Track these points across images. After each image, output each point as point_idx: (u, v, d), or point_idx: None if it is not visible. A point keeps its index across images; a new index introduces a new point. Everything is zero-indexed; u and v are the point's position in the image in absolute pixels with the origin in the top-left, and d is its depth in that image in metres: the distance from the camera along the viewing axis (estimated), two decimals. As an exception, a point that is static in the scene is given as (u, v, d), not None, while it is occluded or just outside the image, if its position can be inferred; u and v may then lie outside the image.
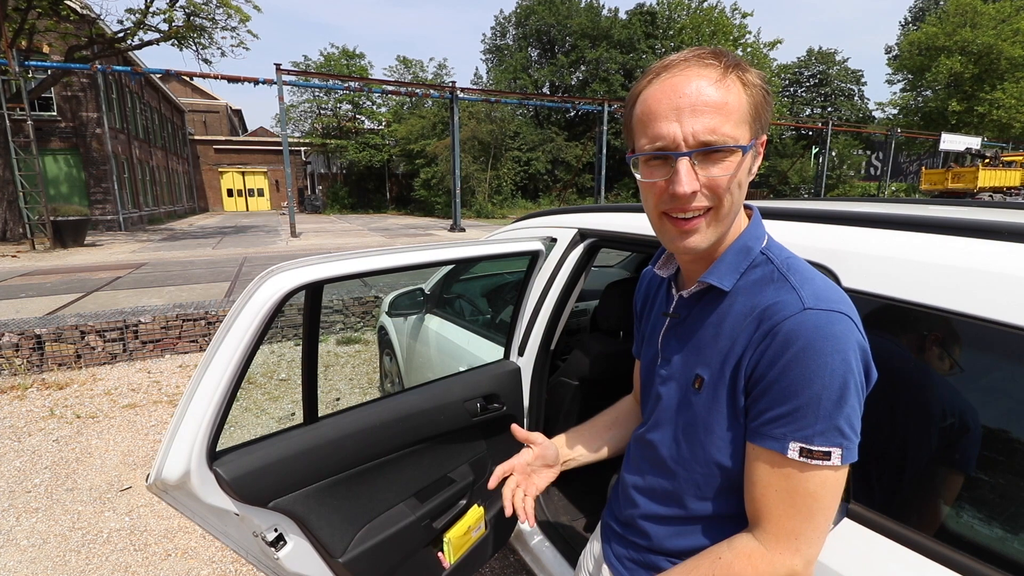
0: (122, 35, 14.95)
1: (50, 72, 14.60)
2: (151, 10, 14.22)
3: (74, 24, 14.18)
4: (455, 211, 18.26)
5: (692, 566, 0.76)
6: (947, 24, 29.69)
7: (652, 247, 1.46)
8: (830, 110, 39.01)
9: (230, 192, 37.99)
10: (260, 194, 38.54)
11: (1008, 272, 0.76)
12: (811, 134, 34.06)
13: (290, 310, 4.99)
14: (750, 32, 34.33)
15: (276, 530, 1.17)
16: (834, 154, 30.59)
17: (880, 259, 0.91)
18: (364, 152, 32.35)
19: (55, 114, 17.67)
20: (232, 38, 15.91)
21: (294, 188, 28.12)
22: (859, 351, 0.65)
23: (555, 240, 1.89)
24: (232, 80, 14.95)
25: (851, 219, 1.03)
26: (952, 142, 24.54)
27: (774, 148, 33.15)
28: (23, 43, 13.02)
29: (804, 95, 40.39)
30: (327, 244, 14.36)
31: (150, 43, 15.15)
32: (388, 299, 3.15)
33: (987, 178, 21.18)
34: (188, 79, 27.59)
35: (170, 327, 5.09)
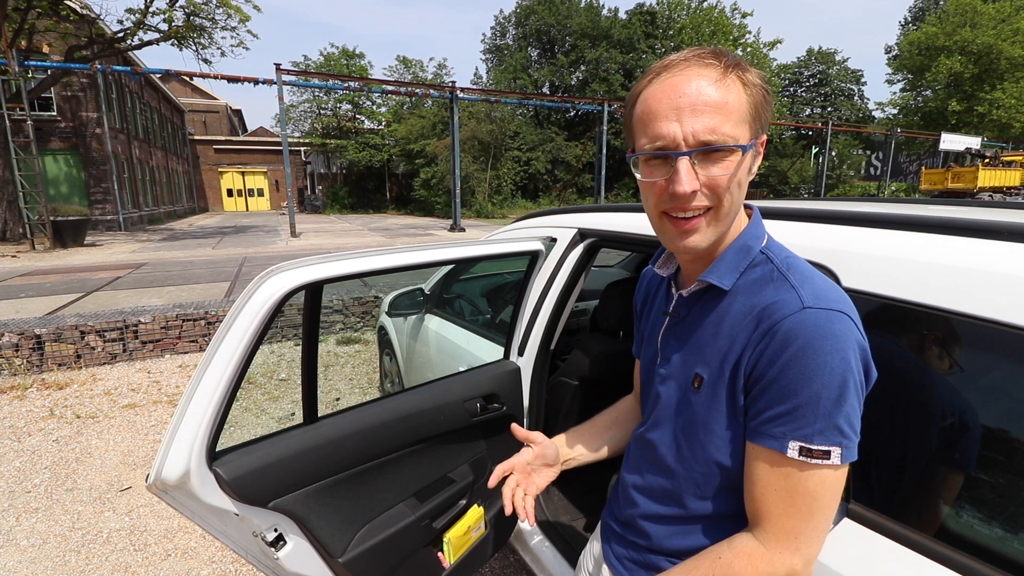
0: (122, 35, 14.96)
1: (50, 72, 14.60)
2: (151, 10, 14.23)
3: (74, 24, 14.18)
4: (455, 211, 18.27)
5: (692, 566, 0.76)
6: (947, 24, 29.69)
7: (652, 247, 1.46)
8: (830, 110, 39.01)
9: (230, 192, 37.98)
10: (260, 194, 38.53)
11: (1008, 272, 0.76)
12: (811, 134, 34.07)
13: (290, 310, 4.99)
14: (750, 32, 34.34)
15: (276, 530, 1.17)
16: (834, 154, 30.58)
17: (880, 259, 0.91)
18: (364, 152, 32.34)
19: (55, 114, 17.66)
20: (232, 38, 15.94)
21: (294, 188, 28.13)
22: (858, 350, 0.65)
23: (555, 240, 1.89)
24: (232, 80, 14.95)
25: (851, 219, 1.03)
26: (952, 142, 24.54)
27: (774, 148, 33.14)
28: (23, 43, 13.02)
29: (804, 95, 40.39)
30: (327, 244, 14.35)
31: (150, 43, 15.16)
32: (388, 299, 3.14)
33: (987, 178, 21.19)
34: (188, 79, 27.59)
35: (170, 327, 5.09)
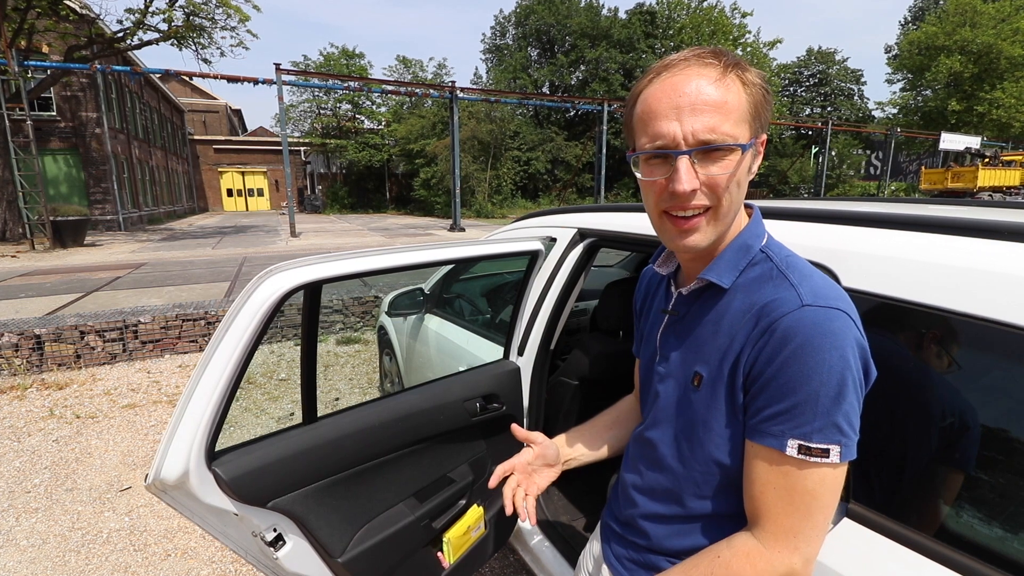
0: (121, 35, 14.95)
1: (49, 72, 14.60)
2: (150, 10, 14.23)
3: (73, 24, 14.17)
4: (455, 211, 18.26)
5: (691, 565, 0.76)
6: (947, 24, 29.69)
7: (652, 247, 1.45)
8: (830, 110, 39.00)
9: (230, 192, 37.96)
10: (260, 194, 38.52)
11: (1008, 272, 0.76)
12: (811, 134, 34.06)
13: (290, 310, 4.98)
14: (750, 32, 34.32)
15: (275, 530, 1.17)
16: (834, 154, 30.58)
17: (880, 259, 0.91)
18: (364, 152, 32.33)
19: (54, 114, 17.65)
20: (232, 38, 15.94)
21: (294, 188, 28.11)
22: (857, 348, 0.65)
23: (555, 240, 1.88)
24: (232, 80, 14.94)
25: (851, 219, 1.03)
26: (952, 141, 24.53)
27: (774, 148, 33.13)
28: (22, 43, 13.01)
29: (804, 95, 40.38)
30: (327, 244, 14.35)
31: (149, 43, 15.15)
32: (388, 299, 3.14)
33: (987, 177, 21.20)
34: (188, 79, 27.58)
35: (170, 327, 5.09)
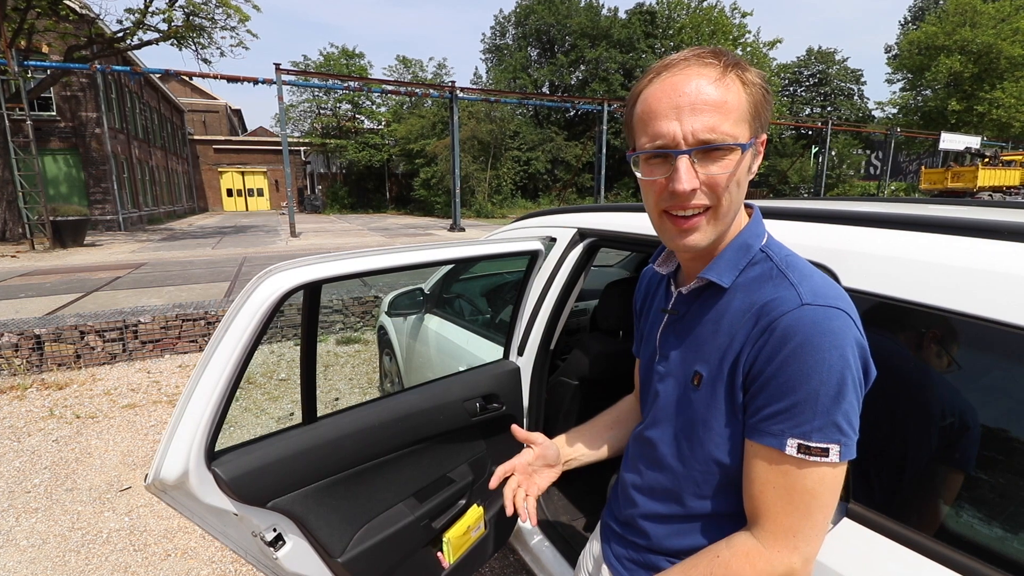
0: (121, 35, 14.95)
1: (49, 72, 14.59)
2: (150, 10, 14.22)
3: (73, 24, 14.17)
4: (455, 211, 18.26)
5: (691, 565, 0.76)
6: (947, 23, 29.69)
7: (651, 247, 1.45)
8: (830, 109, 38.99)
9: (229, 192, 37.96)
10: (260, 194, 38.52)
11: (1008, 272, 0.76)
12: (811, 133, 34.05)
13: (290, 310, 4.98)
14: (750, 32, 34.32)
15: (275, 530, 1.17)
16: (834, 153, 30.58)
17: (880, 258, 0.91)
18: (364, 152, 32.32)
19: (54, 114, 17.65)
20: (231, 38, 15.93)
21: (294, 188, 28.09)
22: (857, 348, 0.65)
23: (554, 240, 1.88)
24: (232, 80, 14.93)
25: (850, 218, 1.03)
26: (951, 141, 24.53)
27: (774, 147, 33.13)
28: (22, 43, 13.01)
29: (804, 94, 40.37)
30: (327, 244, 14.35)
31: (149, 43, 15.14)
32: (388, 299, 3.14)
33: (986, 177, 21.19)
34: (187, 79, 27.55)
35: (170, 327, 5.09)
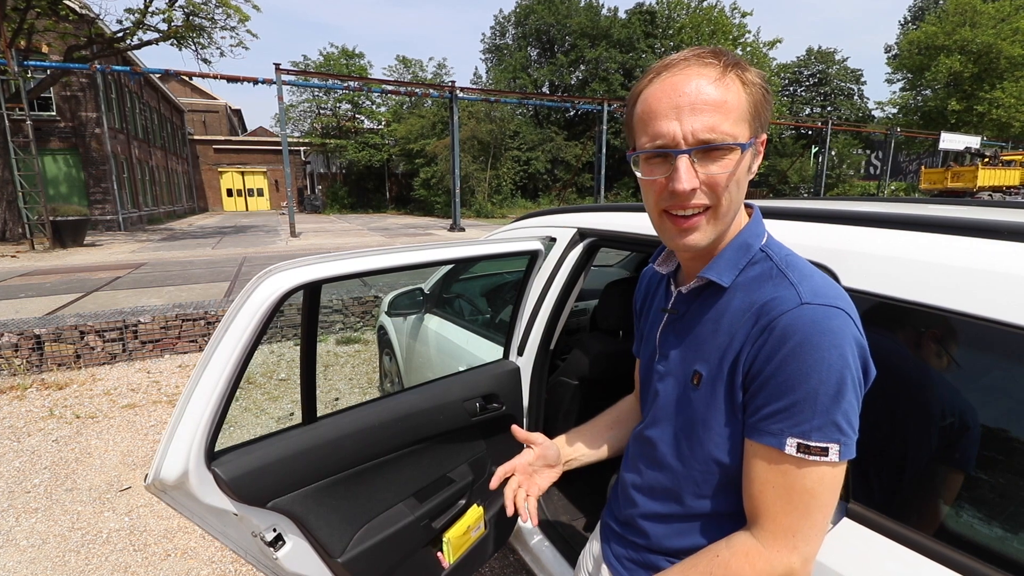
0: (121, 35, 14.94)
1: (49, 72, 14.59)
2: (150, 10, 14.21)
3: (73, 24, 14.16)
4: (455, 211, 18.26)
5: (690, 564, 0.76)
6: (946, 23, 29.69)
7: (651, 246, 1.45)
8: (830, 109, 38.98)
9: (229, 192, 37.95)
10: (260, 194, 38.51)
11: (1008, 272, 0.76)
12: (811, 133, 34.05)
13: (289, 310, 4.98)
14: (749, 31, 34.30)
15: (275, 530, 1.17)
16: (833, 153, 30.58)
17: (880, 258, 0.91)
18: (364, 152, 32.31)
19: (54, 114, 17.64)
20: (231, 38, 15.93)
21: (293, 188, 28.05)
22: (856, 347, 0.65)
23: (554, 240, 1.88)
24: (231, 80, 14.93)
25: (850, 218, 1.03)
26: (951, 141, 24.52)
27: (774, 147, 33.12)
28: (22, 43, 13.01)
29: (804, 94, 40.37)
30: (327, 244, 14.35)
31: (149, 43, 15.14)
32: (388, 299, 3.14)
33: (986, 177, 21.19)
34: (187, 79, 27.54)
35: (169, 327, 5.09)
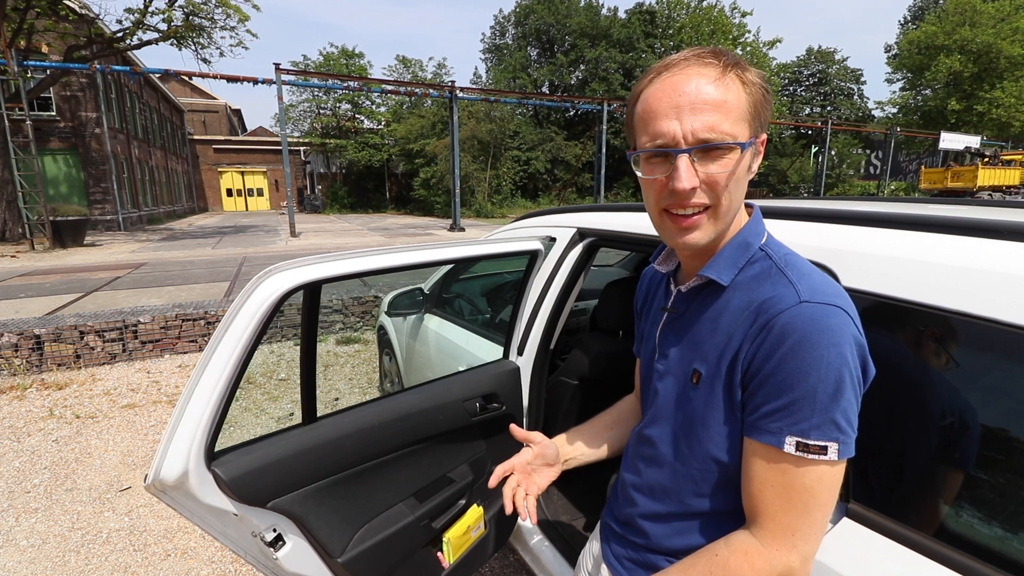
0: (121, 35, 14.94)
1: (49, 72, 14.58)
2: (150, 10, 14.21)
3: (73, 24, 14.16)
4: (454, 210, 18.25)
5: (689, 564, 0.76)
6: (946, 23, 29.69)
7: (651, 246, 1.45)
8: (829, 109, 38.98)
9: (229, 192, 37.94)
10: (259, 194, 38.50)
11: (1008, 272, 0.76)
12: (810, 133, 34.03)
13: (289, 310, 4.98)
14: (749, 31, 34.29)
15: (275, 530, 1.17)
16: (833, 153, 30.58)
17: (880, 258, 0.91)
18: (363, 152, 32.30)
19: (54, 114, 17.64)
20: (231, 38, 15.92)
21: (293, 188, 28.02)
22: (855, 346, 0.65)
23: (554, 240, 1.88)
24: (231, 80, 14.92)
25: (850, 218, 1.03)
26: (951, 141, 24.52)
27: (773, 147, 33.12)
28: (22, 43, 13.01)
29: (803, 94, 40.36)
30: (327, 244, 14.35)
31: (149, 43, 15.14)
32: (387, 299, 3.14)
33: (986, 177, 21.20)
34: (187, 79, 27.51)
35: (169, 327, 5.09)
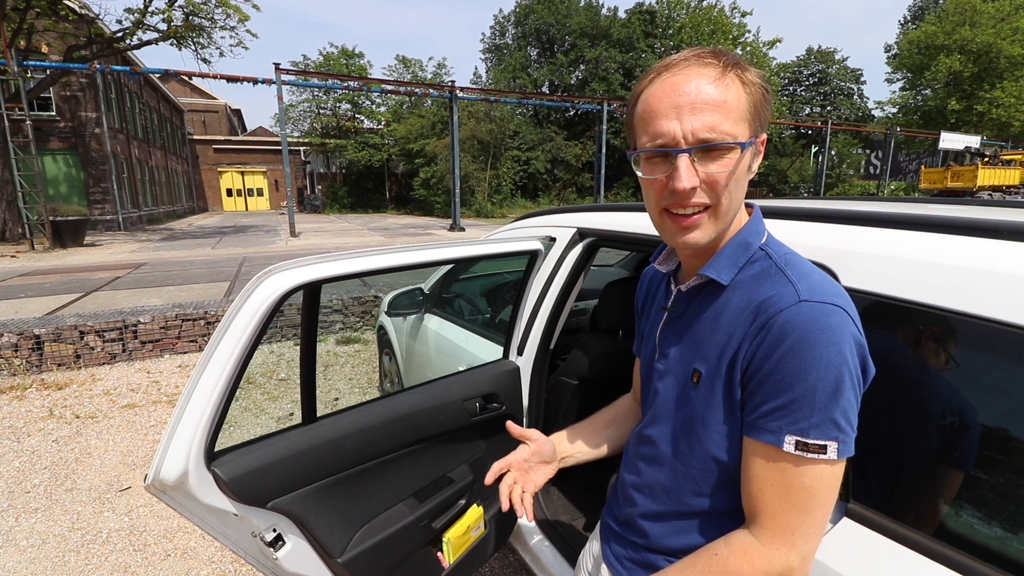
0: (121, 35, 14.94)
1: (49, 72, 14.58)
2: (150, 10, 14.21)
3: (73, 24, 14.16)
4: (454, 210, 18.25)
5: (689, 563, 0.76)
6: (946, 23, 29.68)
7: (651, 246, 1.45)
8: (829, 109, 38.98)
9: (229, 192, 37.94)
10: (259, 194, 38.49)
11: (1008, 272, 0.76)
12: (810, 133, 34.02)
13: (289, 310, 4.98)
14: (749, 31, 34.26)
15: (275, 530, 1.17)
16: (833, 153, 30.58)
17: (880, 258, 0.91)
18: (363, 152, 32.30)
19: (54, 114, 17.64)
20: (231, 38, 15.92)
21: (293, 188, 28.01)
22: (855, 345, 0.65)
23: (554, 239, 1.88)
24: (231, 80, 14.92)
25: (850, 218, 1.03)
26: (951, 141, 24.51)
27: (773, 147, 33.12)
28: (22, 43, 13.00)
29: (803, 94, 40.36)
30: (327, 244, 14.35)
31: (149, 43, 15.14)
32: (387, 299, 3.14)
33: (986, 177, 21.20)
34: (187, 79, 27.49)
35: (169, 327, 5.09)
